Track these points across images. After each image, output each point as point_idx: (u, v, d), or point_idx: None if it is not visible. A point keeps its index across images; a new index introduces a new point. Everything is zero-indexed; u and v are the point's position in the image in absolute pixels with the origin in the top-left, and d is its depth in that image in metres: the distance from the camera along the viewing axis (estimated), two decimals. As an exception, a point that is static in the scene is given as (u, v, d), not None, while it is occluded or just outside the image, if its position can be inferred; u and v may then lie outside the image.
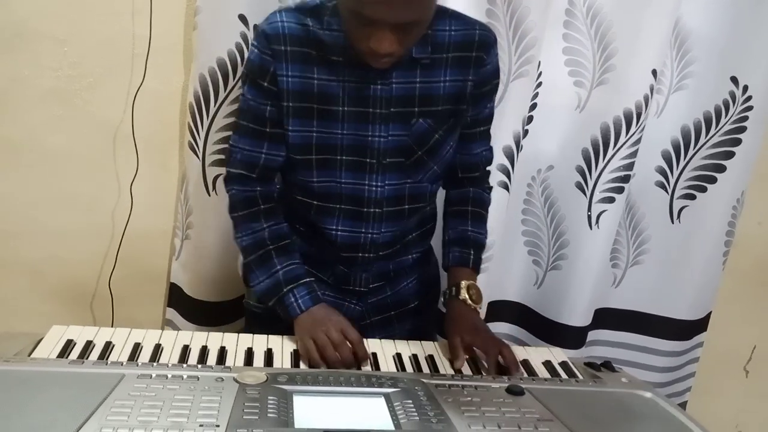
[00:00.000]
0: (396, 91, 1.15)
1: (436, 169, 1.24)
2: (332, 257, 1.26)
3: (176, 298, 1.64)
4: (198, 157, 1.50)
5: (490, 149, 1.34)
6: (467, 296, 1.23)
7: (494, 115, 1.29)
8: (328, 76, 1.14)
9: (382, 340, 1.19)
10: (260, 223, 1.21)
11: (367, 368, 1.10)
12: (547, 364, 1.18)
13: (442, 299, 1.28)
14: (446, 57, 1.17)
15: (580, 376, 1.13)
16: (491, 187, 1.38)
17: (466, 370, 1.14)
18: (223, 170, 1.47)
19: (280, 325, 1.17)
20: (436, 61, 1.16)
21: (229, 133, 1.44)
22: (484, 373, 1.12)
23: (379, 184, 1.20)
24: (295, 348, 1.14)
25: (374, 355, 1.14)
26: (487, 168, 1.36)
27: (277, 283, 1.18)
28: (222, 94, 1.45)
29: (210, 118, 1.47)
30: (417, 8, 1.00)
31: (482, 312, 1.69)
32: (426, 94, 1.17)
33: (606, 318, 1.81)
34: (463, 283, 1.24)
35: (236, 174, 1.22)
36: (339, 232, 1.23)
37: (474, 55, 1.18)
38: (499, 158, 1.55)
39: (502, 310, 1.77)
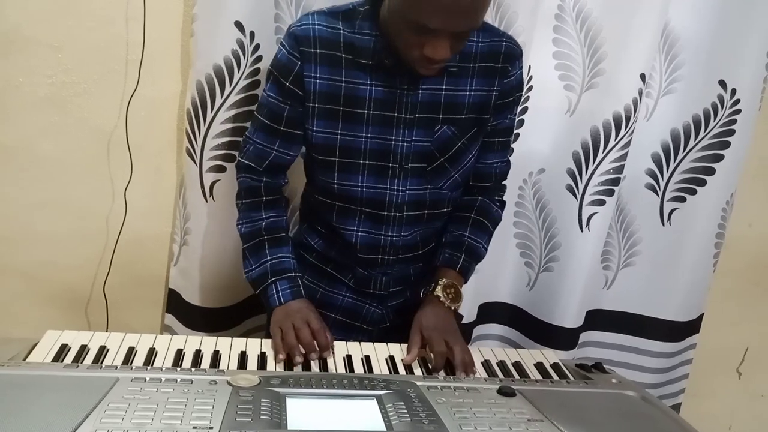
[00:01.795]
0: (422, 98, 1.18)
1: (457, 177, 1.26)
2: (352, 260, 1.28)
3: (175, 304, 1.65)
4: (196, 163, 1.51)
5: (507, 162, 1.35)
6: (442, 294, 1.22)
7: (515, 126, 1.31)
8: (356, 79, 1.16)
9: (375, 343, 1.20)
10: (260, 213, 1.25)
11: (360, 371, 1.11)
12: (539, 366, 1.19)
13: (421, 295, 1.27)
14: (473, 67, 1.19)
15: (572, 378, 1.15)
16: (503, 202, 1.39)
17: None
18: (220, 176, 1.50)
19: None
20: (462, 70, 1.19)
21: (227, 139, 1.48)
22: (434, 372, 1.12)
23: (401, 188, 1.22)
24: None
25: (367, 357, 1.15)
26: (502, 181, 1.36)
27: (264, 273, 1.21)
28: (219, 101, 1.46)
29: (207, 124, 1.48)
30: (474, 17, 1.03)
31: (473, 314, 1.71)
32: (451, 102, 1.19)
33: (598, 319, 1.82)
34: (442, 281, 1.23)
35: (245, 164, 1.25)
36: (359, 234, 1.25)
37: (500, 66, 1.21)
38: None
39: (494, 311, 1.78)
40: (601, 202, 1.63)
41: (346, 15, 1.16)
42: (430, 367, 1.14)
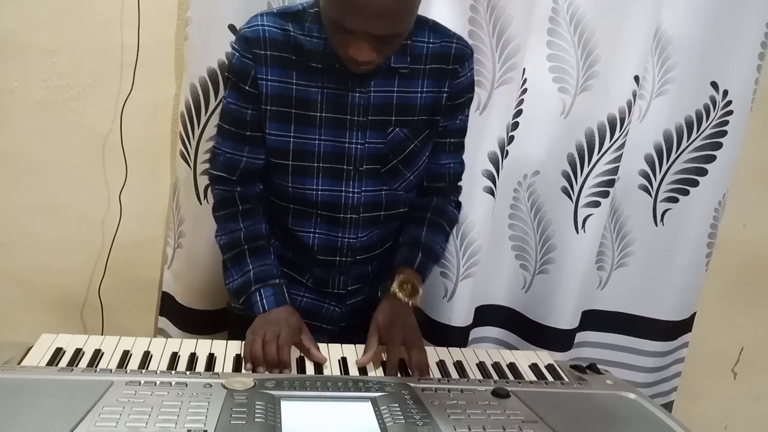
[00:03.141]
0: (374, 100, 1.17)
1: (412, 178, 1.26)
2: (310, 261, 1.28)
3: (168, 306, 1.65)
4: (189, 166, 1.51)
5: (460, 163, 1.34)
6: (399, 290, 1.20)
7: (467, 128, 1.31)
8: (307, 81, 1.15)
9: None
10: (237, 223, 1.23)
11: (354, 373, 1.11)
12: (534, 367, 1.19)
13: (379, 295, 1.25)
14: (424, 68, 1.19)
15: (566, 379, 1.15)
16: (459, 203, 1.38)
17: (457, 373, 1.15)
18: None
19: None
20: (414, 72, 1.18)
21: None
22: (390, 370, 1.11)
23: (356, 190, 1.22)
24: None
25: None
26: (457, 182, 1.36)
27: (247, 281, 1.20)
28: (213, 104, 1.46)
29: (201, 127, 1.49)
30: (396, 23, 1.02)
31: (470, 317, 1.71)
32: (403, 104, 1.19)
33: (593, 320, 1.82)
34: (399, 277, 1.21)
35: (217, 175, 1.24)
36: (316, 236, 1.25)
37: (450, 68, 1.21)
38: (484, 164, 1.56)
39: (490, 314, 1.79)
40: (596, 204, 1.64)
41: (295, 16, 1.15)
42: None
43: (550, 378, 1.15)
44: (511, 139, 1.62)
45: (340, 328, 1.31)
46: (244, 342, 1.13)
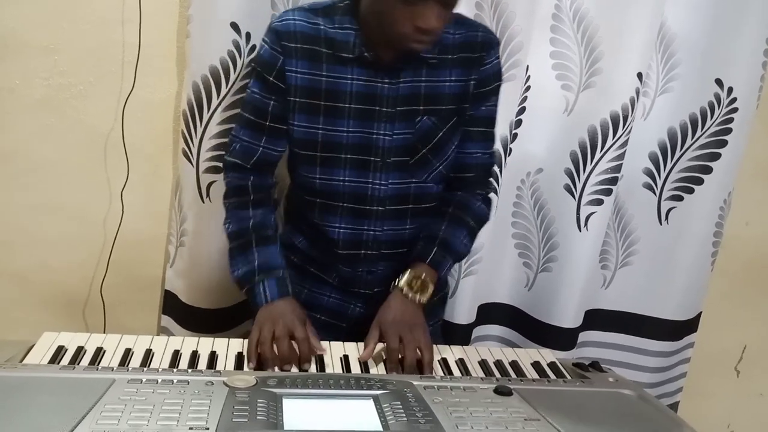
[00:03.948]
0: (402, 90, 1.18)
1: (441, 169, 1.26)
2: (335, 258, 1.27)
3: (171, 305, 1.65)
4: (192, 165, 1.51)
5: (490, 155, 1.31)
6: (406, 286, 1.20)
7: (496, 118, 1.29)
8: (337, 73, 1.17)
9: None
10: (247, 212, 1.24)
11: (356, 371, 1.10)
12: (536, 365, 1.19)
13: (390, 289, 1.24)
14: (451, 58, 1.20)
15: (568, 377, 1.15)
16: (489, 198, 1.34)
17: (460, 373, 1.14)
18: (217, 177, 1.50)
19: None
20: (442, 62, 1.20)
21: (223, 140, 1.47)
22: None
23: (383, 182, 1.22)
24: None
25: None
26: (485, 176, 1.33)
27: (251, 271, 1.20)
28: (215, 102, 1.46)
29: (203, 125, 1.48)
30: None
31: (473, 315, 1.71)
32: (431, 93, 1.20)
33: (597, 319, 1.82)
34: (409, 273, 1.21)
35: (232, 163, 1.25)
36: (341, 230, 1.25)
37: (477, 56, 1.22)
38: (488, 162, 1.56)
39: (493, 312, 1.78)
40: (599, 202, 1.63)
41: (326, 11, 1.18)
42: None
43: (552, 376, 1.15)
44: (514, 136, 1.61)
45: (365, 330, 1.25)
46: (248, 338, 1.12)
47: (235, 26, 1.40)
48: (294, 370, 1.10)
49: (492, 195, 1.57)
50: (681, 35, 1.62)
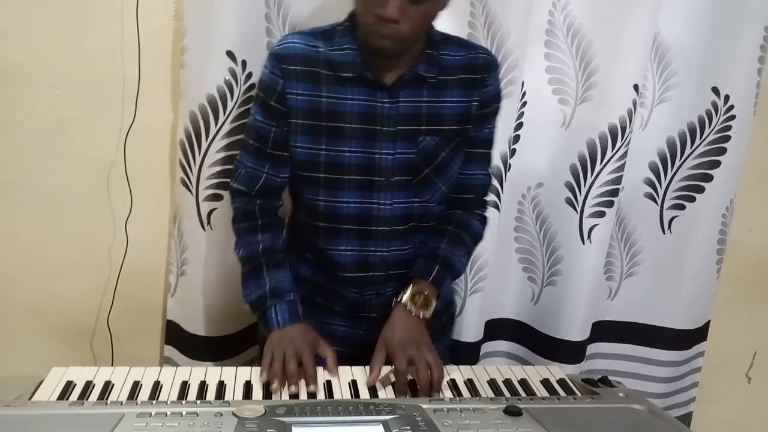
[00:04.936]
0: (403, 110, 1.19)
1: (444, 189, 1.26)
2: (343, 282, 1.27)
3: (174, 334, 1.64)
4: (191, 193, 1.51)
5: (488, 176, 1.34)
6: (410, 302, 1.20)
7: (494, 139, 1.32)
8: (337, 94, 1.18)
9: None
10: (256, 236, 1.25)
11: (365, 395, 1.10)
12: (545, 382, 1.18)
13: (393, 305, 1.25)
14: (453, 79, 1.21)
15: (578, 393, 1.14)
16: (485, 217, 1.37)
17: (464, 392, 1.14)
18: (217, 205, 1.50)
19: None
20: (443, 82, 1.21)
21: (223, 168, 1.48)
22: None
23: (387, 202, 1.23)
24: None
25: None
26: (483, 196, 1.35)
27: (263, 295, 1.21)
28: (213, 130, 1.47)
29: (202, 154, 1.49)
30: None
31: (480, 332, 1.70)
32: (433, 113, 1.21)
33: (604, 331, 1.81)
34: (411, 289, 1.22)
35: (238, 189, 1.27)
36: (347, 252, 1.25)
37: (479, 77, 1.23)
38: (488, 178, 1.56)
39: (500, 328, 1.78)
40: (602, 214, 1.63)
41: (326, 34, 1.20)
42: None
43: (562, 393, 1.14)
44: (513, 152, 1.62)
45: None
46: (262, 360, 1.14)
47: (230, 54, 1.41)
48: (303, 396, 1.10)
49: (492, 211, 1.58)
50: (676, 45, 1.63)
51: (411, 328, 1.19)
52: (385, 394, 1.11)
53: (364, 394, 1.11)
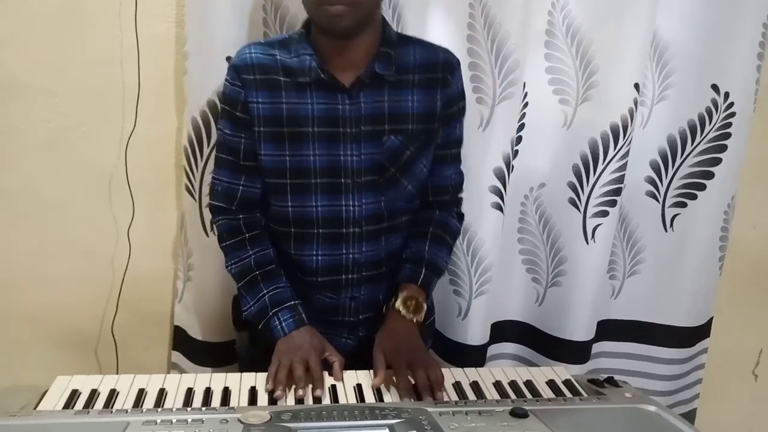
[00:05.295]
0: (364, 110, 1.19)
1: (411, 188, 1.27)
2: (317, 287, 1.27)
3: (181, 340, 1.64)
4: (195, 199, 1.52)
5: (461, 173, 1.37)
6: (402, 307, 1.21)
7: (464, 137, 1.34)
8: (297, 99, 1.18)
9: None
10: (246, 251, 1.25)
11: (370, 399, 1.10)
12: (551, 383, 1.18)
13: (384, 311, 1.26)
14: (413, 78, 1.22)
15: (584, 394, 1.14)
16: (462, 214, 1.39)
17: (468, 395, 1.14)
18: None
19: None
20: (402, 81, 1.21)
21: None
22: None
23: (356, 203, 1.23)
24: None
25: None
26: (458, 194, 1.37)
27: (263, 307, 1.21)
28: (215, 136, 1.47)
29: (204, 160, 1.49)
30: None
31: (486, 334, 1.70)
32: (395, 113, 1.21)
33: (609, 329, 1.81)
34: (402, 294, 1.22)
35: (217, 206, 1.27)
36: (320, 257, 1.25)
37: (440, 76, 1.23)
38: (491, 180, 1.56)
39: (505, 329, 1.77)
40: (605, 214, 1.63)
41: (282, 43, 1.21)
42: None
43: (568, 394, 1.14)
44: (515, 153, 1.62)
45: (355, 360, 1.28)
46: (269, 367, 1.13)
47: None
48: (309, 400, 1.09)
49: (496, 212, 1.58)
50: (675, 43, 1.62)
51: (406, 333, 1.20)
52: (390, 397, 1.11)
53: (369, 398, 1.10)
